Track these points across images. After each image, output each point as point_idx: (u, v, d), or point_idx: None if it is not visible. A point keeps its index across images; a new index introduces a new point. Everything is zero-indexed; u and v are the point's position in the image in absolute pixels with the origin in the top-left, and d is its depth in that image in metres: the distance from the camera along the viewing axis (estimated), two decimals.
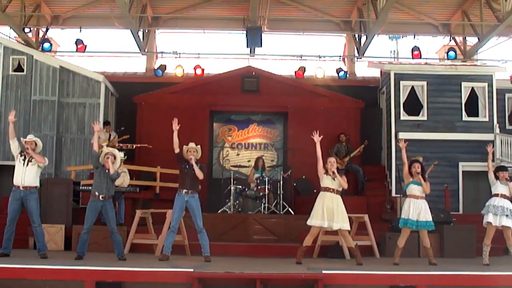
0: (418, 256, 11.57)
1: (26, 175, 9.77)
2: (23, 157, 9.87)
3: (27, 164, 9.81)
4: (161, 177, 14.59)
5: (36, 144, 9.98)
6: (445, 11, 18.84)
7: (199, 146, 10.13)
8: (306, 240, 9.87)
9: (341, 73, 18.30)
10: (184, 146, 10.06)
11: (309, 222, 9.83)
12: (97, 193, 9.76)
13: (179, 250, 10.87)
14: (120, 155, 12.45)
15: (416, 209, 9.97)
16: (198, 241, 9.98)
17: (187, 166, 9.92)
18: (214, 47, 19.28)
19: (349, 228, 10.03)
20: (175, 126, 9.94)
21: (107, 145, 14.06)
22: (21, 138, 10.21)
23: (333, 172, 9.84)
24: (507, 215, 10.07)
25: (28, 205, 9.74)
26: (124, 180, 12.39)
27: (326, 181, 9.87)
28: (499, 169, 10.56)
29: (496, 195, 10.27)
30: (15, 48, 15.96)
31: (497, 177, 10.40)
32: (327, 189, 9.83)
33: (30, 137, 10.07)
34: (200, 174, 9.89)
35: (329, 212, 9.73)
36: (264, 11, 17.76)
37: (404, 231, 10.09)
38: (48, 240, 10.83)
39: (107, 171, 9.80)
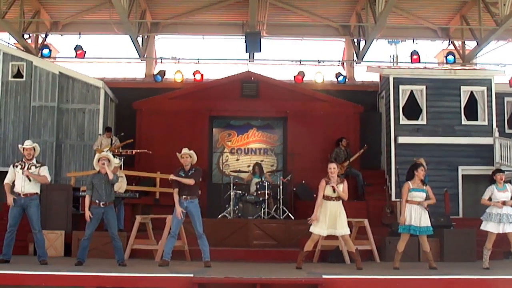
0: (418, 260, 11.58)
1: (25, 183, 9.77)
2: (19, 166, 9.87)
3: None
4: (161, 183, 14.57)
5: (34, 150, 9.98)
6: (444, 16, 18.89)
7: (192, 151, 10.08)
8: (307, 245, 9.87)
9: (340, 78, 18.32)
10: (177, 154, 10.03)
11: (311, 229, 9.85)
12: (97, 201, 9.77)
13: (179, 255, 10.87)
14: (115, 161, 12.52)
15: (417, 215, 9.96)
16: (198, 246, 9.98)
17: (183, 174, 9.92)
18: (213, 53, 19.32)
19: (349, 233, 10.03)
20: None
21: (109, 150, 14.13)
22: (19, 145, 10.22)
23: (333, 187, 9.81)
24: (510, 222, 10.05)
25: (29, 212, 9.75)
26: (121, 186, 12.38)
27: (327, 190, 9.86)
28: (496, 171, 10.53)
29: (497, 203, 10.23)
30: (15, 54, 15.95)
31: (493, 181, 10.37)
32: (328, 198, 9.82)
33: (29, 143, 10.02)
34: (189, 182, 9.82)
35: (332, 220, 9.75)
36: (263, 17, 17.78)
37: (404, 236, 10.08)
38: (48, 246, 10.81)
39: (104, 175, 9.80)
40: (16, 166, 9.91)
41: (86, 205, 9.85)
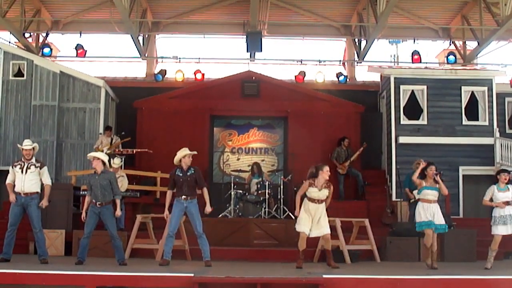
0: (418, 260, 11.57)
1: (25, 182, 9.76)
2: (19, 166, 9.87)
3: (26, 172, 9.81)
4: (162, 182, 14.59)
5: (33, 149, 9.98)
6: (445, 16, 18.87)
7: (194, 152, 10.10)
8: (299, 245, 9.86)
9: (341, 78, 18.30)
10: (179, 154, 9.97)
11: (297, 228, 9.84)
12: (93, 200, 9.81)
13: (179, 255, 10.87)
14: (116, 161, 12.53)
15: (429, 213, 9.97)
16: (198, 245, 9.98)
17: (181, 174, 9.90)
18: (214, 52, 19.32)
19: (329, 232, 9.97)
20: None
21: (109, 149, 14.15)
22: (18, 145, 10.21)
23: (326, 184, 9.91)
24: None
25: (29, 211, 9.74)
26: (122, 185, 12.39)
27: (312, 193, 9.86)
28: (500, 171, 10.49)
29: (499, 203, 10.19)
30: (15, 53, 15.98)
31: (496, 181, 10.35)
32: (312, 200, 9.83)
33: (28, 143, 9.97)
34: (208, 203, 9.95)
35: (314, 222, 9.81)
36: (264, 16, 17.78)
37: (429, 233, 9.96)
38: (48, 245, 10.82)
39: (99, 175, 9.83)
40: (15, 166, 9.91)
41: (84, 205, 9.96)
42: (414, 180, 10.29)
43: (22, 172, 9.80)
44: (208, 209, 9.91)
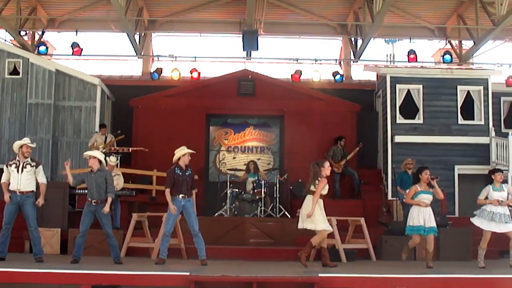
0: (414, 259, 11.59)
1: (21, 181, 9.74)
2: (14, 165, 9.84)
3: (22, 171, 9.78)
4: (158, 181, 14.57)
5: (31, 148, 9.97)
6: (441, 15, 18.90)
7: (193, 151, 10.10)
8: (318, 241, 9.84)
9: (338, 77, 18.33)
10: (178, 152, 9.98)
11: (320, 228, 9.76)
12: (89, 199, 9.80)
13: (175, 253, 10.87)
14: (112, 159, 12.49)
15: (424, 216, 10.04)
16: (194, 244, 9.97)
17: (180, 173, 9.89)
18: (210, 51, 19.32)
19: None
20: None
21: (104, 147, 14.12)
22: (18, 141, 10.17)
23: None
24: (506, 222, 10.06)
25: (25, 209, 9.72)
26: (117, 183, 12.36)
27: (326, 190, 9.90)
28: (495, 171, 10.53)
29: (492, 200, 10.22)
30: (11, 51, 15.90)
31: (491, 182, 10.36)
32: (322, 196, 9.87)
33: (27, 140, 9.98)
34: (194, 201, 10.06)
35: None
36: (261, 15, 17.77)
37: (415, 239, 10.19)
38: (44, 243, 10.80)
39: (95, 174, 9.81)
40: (11, 165, 9.88)
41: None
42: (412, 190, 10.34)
43: (18, 171, 9.77)
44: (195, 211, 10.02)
